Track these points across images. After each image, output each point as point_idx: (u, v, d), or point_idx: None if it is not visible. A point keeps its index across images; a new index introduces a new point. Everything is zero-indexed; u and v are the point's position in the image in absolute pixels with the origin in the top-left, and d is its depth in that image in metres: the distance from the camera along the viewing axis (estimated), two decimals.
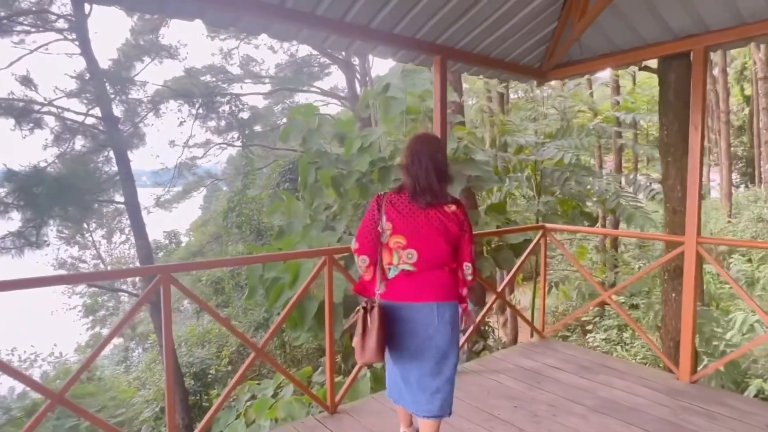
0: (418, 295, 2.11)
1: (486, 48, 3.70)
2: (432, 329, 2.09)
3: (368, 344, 2.05)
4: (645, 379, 3.54)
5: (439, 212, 2.12)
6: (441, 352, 2.11)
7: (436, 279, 2.13)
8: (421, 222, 2.10)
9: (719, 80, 21.72)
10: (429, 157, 2.14)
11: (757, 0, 2.93)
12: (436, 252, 2.11)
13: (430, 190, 2.11)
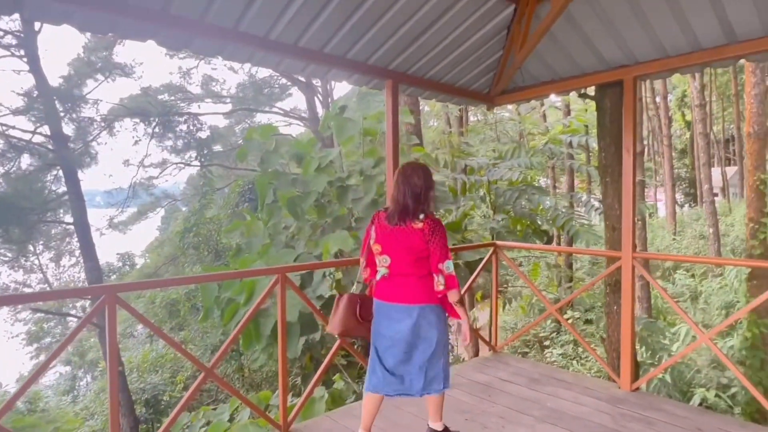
0: (392, 296, 2.56)
1: (437, 74, 3.88)
2: (401, 326, 2.52)
3: (333, 319, 2.66)
4: (590, 389, 3.69)
5: (407, 229, 2.49)
6: (408, 344, 2.52)
7: (405, 285, 2.53)
8: (392, 237, 2.53)
9: (661, 107, 23.17)
10: (405, 181, 2.52)
11: (677, 36, 3.23)
12: (402, 262, 2.52)
13: (402, 211, 2.50)
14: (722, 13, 2.94)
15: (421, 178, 2.54)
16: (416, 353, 2.54)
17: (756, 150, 7.97)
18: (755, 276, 8.21)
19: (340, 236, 5.22)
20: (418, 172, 2.57)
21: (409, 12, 3.06)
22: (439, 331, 2.55)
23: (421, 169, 2.63)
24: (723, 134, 30.60)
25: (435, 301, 2.53)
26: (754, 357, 8.07)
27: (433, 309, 2.53)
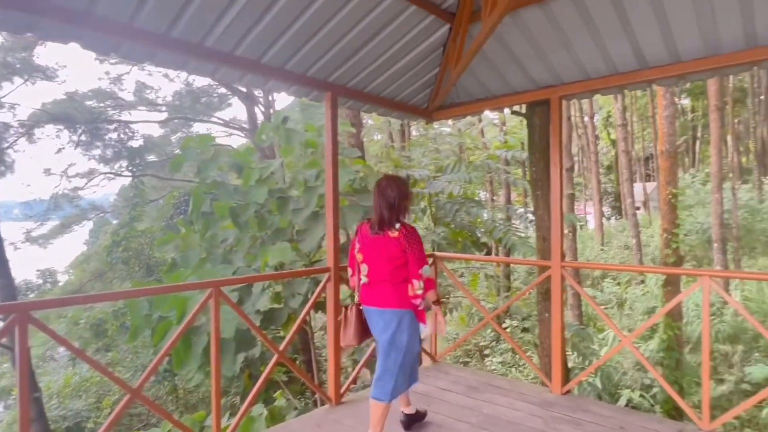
0: (371, 302, 2.77)
1: (376, 87, 3.94)
2: (378, 329, 2.75)
3: (347, 332, 2.82)
4: (525, 394, 3.83)
5: (384, 238, 2.70)
6: (383, 348, 2.72)
7: (382, 291, 2.72)
8: (371, 246, 2.74)
9: (589, 126, 24.78)
10: (380, 194, 2.75)
11: (597, 60, 3.48)
12: (380, 269, 2.72)
13: (380, 221, 2.72)
14: (635, 41, 3.22)
15: (394, 189, 2.75)
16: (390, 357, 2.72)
17: (668, 167, 8.72)
18: (669, 282, 8.93)
19: (281, 248, 5.12)
20: (392, 184, 2.77)
21: (347, 26, 3.10)
22: (409, 335, 2.72)
23: (395, 181, 2.82)
24: (643, 152, 33.11)
25: (407, 306, 2.71)
26: (670, 358, 8.72)
27: (404, 314, 2.70)
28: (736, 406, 3.48)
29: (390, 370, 2.71)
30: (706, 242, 17.98)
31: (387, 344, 2.70)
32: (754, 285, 12.75)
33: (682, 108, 31.39)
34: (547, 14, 3.20)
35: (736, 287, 13.07)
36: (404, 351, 2.71)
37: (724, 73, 3.28)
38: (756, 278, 12.95)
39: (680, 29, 3.03)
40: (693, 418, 3.26)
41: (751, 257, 17.49)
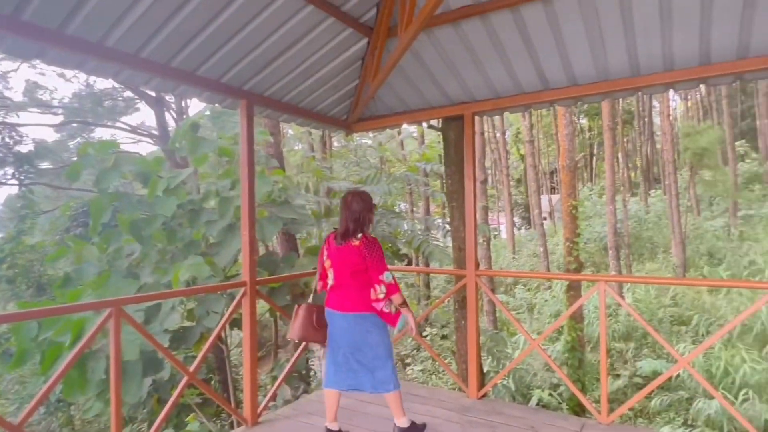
0: (335, 305, 2.96)
1: (294, 98, 3.88)
2: (342, 329, 2.96)
3: (293, 326, 3.06)
4: (443, 400, 3.91)
5: (347, 248, 2.91)
6: (351, 346, 2.94)
7: (347, 295, 2.92)
8: (337, 254, 2.95)
9: (500, 141, 26.32)
10: (346, 208, 2.96)
11: (505, 80, 3.71)
12: (344, 275, 2.93)
13: (344, 233, 2.94)
14: (538, 65, 3.47)
15: (359, 203, 2.97)
16: (362, 355, 2.93)
17: (568, 180, 9.50)
18: (572, 287, 9.68)
19: (194, 263, 4.84)
20: (357, 198, 2.99)
21: (263, 34, 3.03)
22: (379, 335, 2.94)
23: (360, 196, 3.03)
24: (548, 166, 35.78)
25: (369, 309, 2.91)
26: (574, 357, 9.41)
27: (366, 317, 2.91)
28: (630, 399, 3.80)
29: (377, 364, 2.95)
30: (603, 249, 19.73)
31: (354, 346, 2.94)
32: (643, 287, 14.18)
33: (580, 127, 34.46)
34: (460, 34, 3.36)
35: (628, 290, 14.45)
36: (379, 344, 2.94)
37: (613, 97, 3.63)
38: (644, 281, 14.45)
39: (576, 57, 3.32)
40: (593, 412, 3.51)
41: (639, 262, 19.45)
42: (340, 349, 2.98)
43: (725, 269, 15.38)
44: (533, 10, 3.05)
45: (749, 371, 9.11)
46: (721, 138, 21.76)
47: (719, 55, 3.02)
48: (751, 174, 26.09)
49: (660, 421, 9.19)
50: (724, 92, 24.85)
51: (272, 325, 9.65)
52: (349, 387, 3.01)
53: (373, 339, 2.91)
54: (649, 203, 27.55)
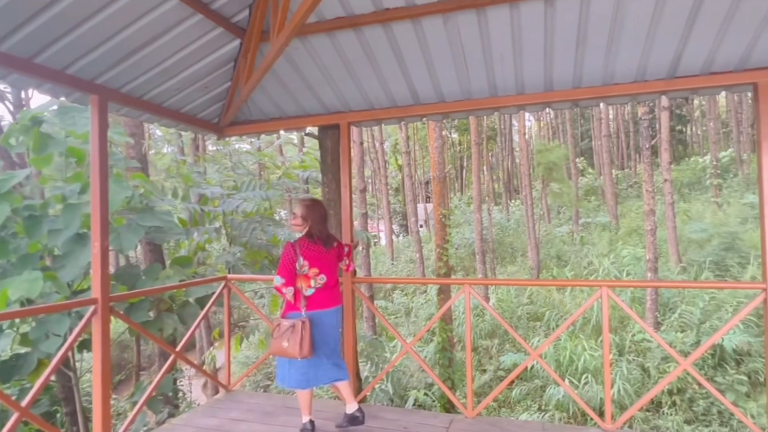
0: (326, 304, 3.22)
1: (158, 96, 3.58)
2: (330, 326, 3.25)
3: (305, 345, 3.03)
4: (321, 410, 3.86)
5: (333, 250, 3.32)
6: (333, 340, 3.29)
7: (335, 293, 3.31)
8: (326, 259, 3.23)
9: (379, 151, 27.16)
10: (326, 214, 3.30)
11: (380, 93, 3.83)
12: (333, 277, 3.30)
13: (329, 237, 3.29)
14: (410, 81, 3.65)
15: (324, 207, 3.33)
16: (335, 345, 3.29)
17: (439, 190, 10.14)
18: (442, 291, 10.31)
19: (29, 278, 4.17)
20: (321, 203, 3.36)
21: (119, 23, 2.75)
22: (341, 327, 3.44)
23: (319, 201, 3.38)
24: (423, 177, 37.79)
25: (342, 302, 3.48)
26: (444, 357, 10.00)
27: (342, 308, 3.51)
28: (492, 391, 4.13)
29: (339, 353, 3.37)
30: (471, 254, 21.36)
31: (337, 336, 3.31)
32: (504, 288, 15.63)
33: (452, 141, 37.07)
34: (335, 45, 3.40)
35: (493, 291, 15.82)
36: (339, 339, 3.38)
37: (475, 114, 3.95)
38: (503, 283, 15.95)
39: (444, 76, 3.56)
40: (460, 408, 3.75)
41: (502, 265, 21.42)
42: (326, 345, 3.22)
43: (570, 270, 17.63)
44: (404, 29, 3.20)
45: (588, 358, 10.53)
46: (566, 155, 25.06)
47: (560, 83, 3.47)
48: (589, 187, 30.43)
49: (520, 408, 10.17)
50: (567, 116, 28.68)
51: (134, 345, 8.72)
52: (340, 378, 3.31)
53: (339, 331, 3.34)
54: (510, 212, 30.58)
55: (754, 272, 12.98)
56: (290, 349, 3.03)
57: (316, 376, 3.23)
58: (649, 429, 8.84)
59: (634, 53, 3.13)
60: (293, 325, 3.05)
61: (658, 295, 12.02)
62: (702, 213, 19.86)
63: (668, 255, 15.46)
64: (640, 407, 3.79)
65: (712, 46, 3.01)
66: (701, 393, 9.20)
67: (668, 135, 15.25)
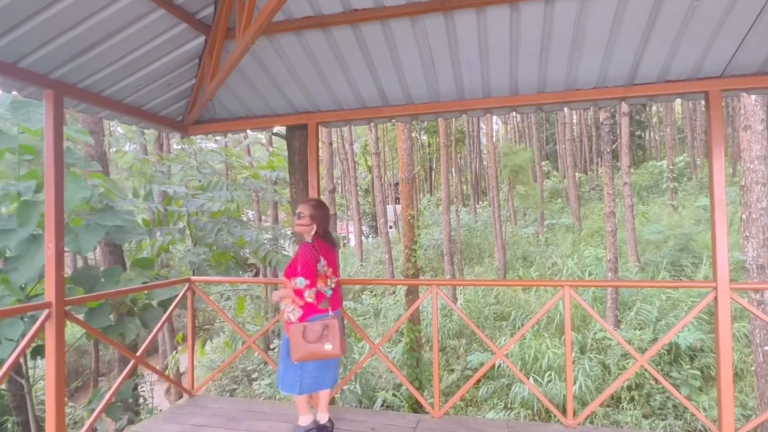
0: (339, 305, 3.23)
1: (118, 92, 3.47)
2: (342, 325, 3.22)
3: (344, 343, 3.06)
4: (286, 414, 3.82)
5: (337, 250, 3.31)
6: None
7: (341, 294, 3.31)
8: (335, 258, 3.24)
9: (349, 152, 27.09)
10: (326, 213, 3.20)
11: (348, 94, 3.82)
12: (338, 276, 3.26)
13: (334, 237, 3.27)
14: (379, 83, 3.66)
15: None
16: None
17: (407, 191, 10.21)
18: (411, 292, 10.37)
19: None
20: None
21: (76, 17, 2.65)
22: None
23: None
24: (393, 178, 37.92)
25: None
26: (412, 358, 10.06)
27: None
28: (459, 391, 4.18)
29: None
30: (440, 255, 21.56)
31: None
32: (472, 288, 15.85)
33: (421, 142, 37.35)
34: (303, 44, 3.37)
35: (461, 291, 16.01)
36: None
37: (444, 116, 4.00)
38: (470, 284, 16.17)
39: (412, 78, 3.58)
40: (428, 408, 3.78)
41: (470, 266, 21.71)
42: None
43: (535, 270, 18.04)
44: (372, 30, 3.21)
45: (552, 356, 10.79)
46: (532, 158, 25.63)
47: (525, 88, 3.55)
48: (554, 189, 31.24)
49: (486, 407, 10.33)
50: (533, 120, 29.35)
51: (92, 350, 8.40)
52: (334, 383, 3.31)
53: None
54: (477, 213, 31.04)
55: (706, 272, 13.61)
56: (335, 350, 3.00)
57: (325, 379, 3.22)
58: (609, 424, 9.13)
59: (595, 61, 3.24)
60: (327, 326, 2.99)
61: (618, 294, 12.44)
62: (659, 215, 20.70)
63: (627, 255, 16.03)
64: (600, 403, 3.91)
65: (668, 56, 3.14)
66: (658, 388, 9.58)
67: (628, 140, 15.84)
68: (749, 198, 7.05)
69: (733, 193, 17.56)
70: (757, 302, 6.92)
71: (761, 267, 6.91)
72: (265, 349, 14.17)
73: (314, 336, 2.95)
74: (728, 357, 3.15)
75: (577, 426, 3.43)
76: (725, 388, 3.14)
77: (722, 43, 3.03)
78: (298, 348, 2.95)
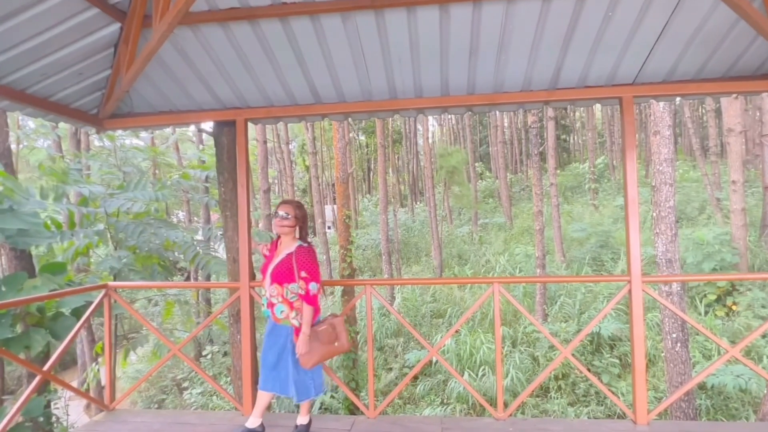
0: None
1: (19, 81, 3.15)
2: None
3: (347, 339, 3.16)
4: (215, 424, 3.65)
5: None
6: None
7: None
8: None
9: (285, 152, 26.58)
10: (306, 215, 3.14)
11: (279, 90, 3.70)
12: None
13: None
14: (310, 79, 3.57)
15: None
16: None
17: (342, 191, 10.15)
18: (346, 292, 10.32)
19: None
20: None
21: None
22: None
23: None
24: (330, 178, 37.66)
25: None
26: (348, 359, 10.01)
27: None
28: (393, 390, 4.19)
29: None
30: (379, 255, 21.66)
31: None
32: (409, 287, 16.06)
33: (359, 142, 37.37)
34: (229, 37, 3.22)
35: (399, 291, 16.17)
36: None
37: (377, 116, 3.99)
38: (406, 283, 16.37)
39: (344, 76, 3.53)
40: (363, 409, 3.75)
41: (407, 265, 22.00)
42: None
43: (470, 268, 18.61)
44: (302, 25, 3.12)
45: (486, 351, 11.16)
46: (466, 159, 26.43)
47: (455, 89, 3.61)
48: (487, 190, 32.42)
49: (424, 404, 10.49)
50: (467, 122, 30.29)
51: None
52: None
53: None
54: (415, 213, 31.54)
55: (624, 266, 14.68)
56: (342, 346, 3.16)
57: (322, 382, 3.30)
58: (538, 413, 9.58)
59: (521, 65, 3.36)
60: (335, 325, 3.18)
61: (546, 289, 13.10)
62: (582, 214, 22.06)
63: (554, 252, 16.94)
64: (529, 394, 4.06)
65: (586, 63, 3.32)
66: (582, 377, 10.18)
67: (554, 143, 16.75)
68: (659, 197, 7.66)
69: (645, 193, 19.07)
70: (666, 293, 7.54)
71: (669, 261, 7.53)
72: (197, 356, 13.54)
73: (328, 338, 3.11)
74: (641, 345, 3.38)
75: (508, 418, 3.54)
76: (639, 375, 3.37)
77: (633, 53, 3.24)
78: (312, 353, 3.02)
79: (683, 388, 3.54)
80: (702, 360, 9.57)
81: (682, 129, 29.52)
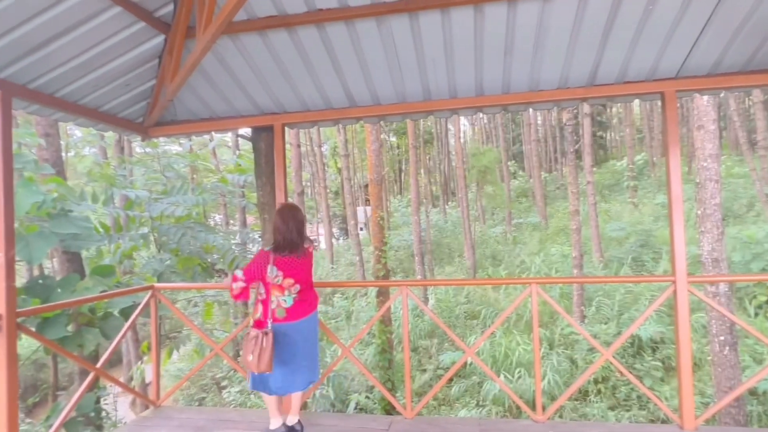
0: (300, 315, 3.09)
1: (73, 93, 3.32)
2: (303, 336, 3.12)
3: (263, 359, 2.90)
4: (254, 422, 3.74)
5: (305, 256, 3.16)
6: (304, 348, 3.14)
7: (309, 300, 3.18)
8: (299, 267, 3.10)
9: (318, 154, 26.91)
10: (293, 218, 3.12)
11: (315, 95, 3.78)
12: (307, 284, 3.17)
13: (299, 244, 3.11)
14: (345, 83, 3.63)
15: (300, 213, 3.20)
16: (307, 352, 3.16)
17: (376, 193, 10.20)
18: (381, 293, 10.36)
19: None
20: (298, 208, 3.21)
21: (24, 13, 2.52)
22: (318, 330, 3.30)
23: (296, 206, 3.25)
24: (363, 180, 37.86)
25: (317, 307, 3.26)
26: (384, 359, 10.04)
27: (317, 314, 3.26)
28: (430, 391, 4.19)
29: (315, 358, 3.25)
30: (411, 256, 21.64)
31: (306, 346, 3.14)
32: (443, 288, 15.98)
33: (390, 144, 37.46)
34: (267, 45, 3.31)
35: (431, 292, 16.11)
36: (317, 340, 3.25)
37: (411, 117, 4.00)
38: (441, 284, 16.31)
39: (378, 79, 3.57)
40: (400, 409, 3.77)
41: (440, 266, 21.88)
42: (297, 355, 3.09)
43: (504, 268, 18.34)
44: (337, 31, 3.18)
45: (522, 353, 10.99)
46: (499, 159, 26.08)
47: (490, 89, 3.59)
48: (521, 189, 31.87)
49: (459, 405, 10.42)
50: (499, 121, 29.89)
51: (51, 363, 8.02)
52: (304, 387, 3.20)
53: (316, 335, 3.23)
54: (447, 214, 31.33)
55: (666, 266, 14.15)
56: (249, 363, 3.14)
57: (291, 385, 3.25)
58: (577, 417, 9.36)
59: (557, 62, 3.31)
60: (257, 338, 3.19)
61: (583, 290, 12.78)
62: (620, 213, 21.39)
63: (592, 252, 16.50)
64: (568, 397, 3.99)
65: (625, 58, 3.24)
66: (623, 380, 9.88)
67: (590, 140, 16.32)
68: (704, 194, 7.36)
69: (689, 190, 18.34)
70: (713, 294, 7.23)
71: (716, 260, 7.22)
72: (235, 356, 13.87)
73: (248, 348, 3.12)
74: (687, 348, 3.27)
75: (546, 420, 3.49)
76: (685, 378, 3.25)
77: (676, 46, 3.14)
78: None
79: (733, 393, 3.40)
80: (753, 364, 9.12)
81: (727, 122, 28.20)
